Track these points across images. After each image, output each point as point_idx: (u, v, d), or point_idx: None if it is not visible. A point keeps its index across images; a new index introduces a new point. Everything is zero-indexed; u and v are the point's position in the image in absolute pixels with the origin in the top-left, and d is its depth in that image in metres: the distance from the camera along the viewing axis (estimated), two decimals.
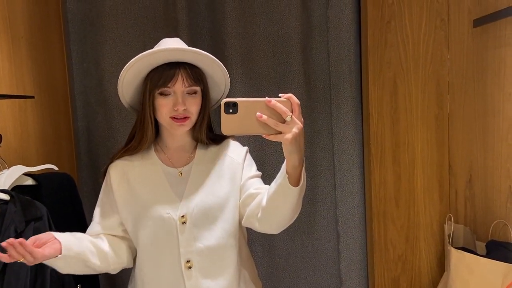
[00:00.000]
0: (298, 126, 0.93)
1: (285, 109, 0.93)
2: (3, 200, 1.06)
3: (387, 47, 1.78)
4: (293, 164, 0.98)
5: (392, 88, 1.80)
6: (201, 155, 1.26)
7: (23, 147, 1.42)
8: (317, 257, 1.97)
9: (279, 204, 1.06)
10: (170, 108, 1.15)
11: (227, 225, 1.20)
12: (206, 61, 1.19)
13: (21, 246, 0.94)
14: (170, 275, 1.18)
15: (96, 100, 1.85)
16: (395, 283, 1.86)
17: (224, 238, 1.19)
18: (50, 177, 1.30)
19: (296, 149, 0.95)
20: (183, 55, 1.16)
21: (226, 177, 1.24)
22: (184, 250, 1.17)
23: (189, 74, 1.16)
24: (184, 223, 1.17)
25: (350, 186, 1.91)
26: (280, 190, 1.03)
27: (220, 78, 1.25)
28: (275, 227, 1.15)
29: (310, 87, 1.90)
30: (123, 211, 1.21)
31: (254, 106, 0.93)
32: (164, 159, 1.25)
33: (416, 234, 1.84)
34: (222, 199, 1.21)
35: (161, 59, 1.15)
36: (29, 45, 1.49)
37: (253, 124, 0.93)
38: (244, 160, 1.27)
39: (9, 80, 1.34)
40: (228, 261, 1.21)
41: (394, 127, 1.81)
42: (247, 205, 1.19)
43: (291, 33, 1.86)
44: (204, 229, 1.18)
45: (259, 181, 1.26)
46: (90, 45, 1.84)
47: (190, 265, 1.17)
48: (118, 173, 1.22)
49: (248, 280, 1.28)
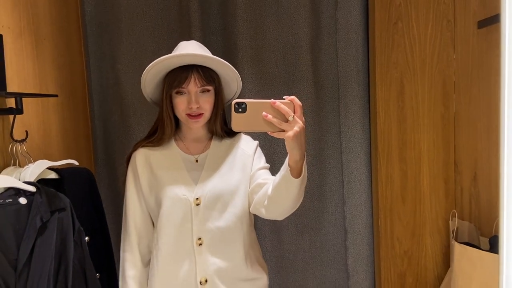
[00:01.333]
0: (299, 125, 1.05)
1: (288, 110, 1.05)
2: (30, 192, 1.13)
3: (394, 47, 1.82)
4: (295, 159, 1.10)
5: (399, 87, 1.84)
6: (216, 146, 1.38)
7: (45, 144, 1.49)
8: (325, 252, 2.03)
9: (283, 194, 1.18)
10: (185, 106, 1.28)
11: (236, 209, 1.32)
12: (216, 63, 1.30)
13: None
14: (183, 249, 1.30)
15: (112, 99, 1.93)
16: (401, 278, 1.90)
17: (233, 221, 1.31)
18: (71, 172, 1.37)
19: (297, 145, 1.07)
20: (194, 59, 1.28)
21: (237, 166, 1.36)
22: (196, 229, 1.30)
23: (201, 75, 1.28)
24: (198, 205, 1.30)
25: (357, 183, 1.96)
26: (283, 181, 1.15)
27: (232, 78, 1.36)
28: (279, 213, 1.27)
29: (319, 86, 1.95)
30: (147, 191, 1.34)
31: (260, 106, 1.05)
32: (182, 147, 1.38)
33: (422, 231, 1.88)
34: (233, 186, 1.33)
35: (176, 62, 1.28)
36: (51, 47, 1.56)
37: (259, 122, 1.05)
38: (255, 152, 1.39)
39: (33, 80, 1.42)
40: (236, 242, 1.33)
41: (400, 126, 1.86)
42: (255, 193, 1.31)
43: (301, 34, 1.91)
44: (216, 211, 1.30)
45: (267, 173, 1.37)
46: (107, 47, 1.91)
47: (200, 242, 1.30)
48: (142, 158, 1.36)
49: (254, 261, 1.39)
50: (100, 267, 1.41)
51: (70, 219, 1.19)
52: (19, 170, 1.22)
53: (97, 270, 1.38)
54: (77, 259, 1.19)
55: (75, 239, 1.19)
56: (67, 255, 1.17)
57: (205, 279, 1.30)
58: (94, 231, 1.41)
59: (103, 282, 1.42)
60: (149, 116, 1.91)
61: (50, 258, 1.12)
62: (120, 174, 1.94)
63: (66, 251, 1.17)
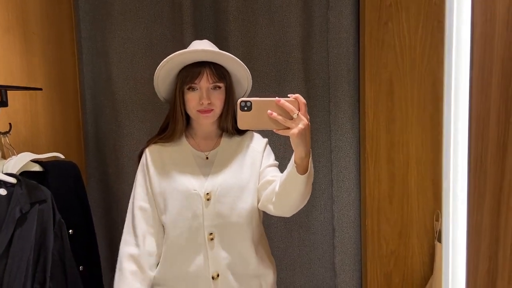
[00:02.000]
0: (303, 122, 1.08)
1: (292, 108, 1.08)
2: (10, 183, 1.15)
3: (384, 48, 1.82)
4: (300, 155, 1.12)
5: (388, 88, 1.84)
6: (226, 143, 1.40)
7: (33, 137, 1.52)
8: (313, 250, 2.04)
9: (290, 190, 1.20)
10: (197, 102, 1.31)
11: (246, 205, 1.34)
12: (227, 60, 1.33)
13: None
14: (194, 244, 1.32)
15: (104, 94, 1.95)
16: (388, 278, 1.91)
17: (243, 216, 1.33)
18: (56, 165, 1.39)
19: (302, 142, 1.09)
20: (207, 55, 1.31)
21: (247, 163, 1.38)
22: (207, 224, 1.31)
23: (213, 72, 1.31)
24: (208, 200, 1.31)
25: (346, 182, 1.96)
26: (289, 178, 1.17)
27: (242, 75, 1.39)
28: (287, 210, 1.28)
29: (310, 85, 1.96)
30: (156, 186, 1.35)
31: (266, 104, 1.08)
32: (193, 144, 1.40)
33: (409, 231, 1.88)
34: (243, 182, 1.35)
35: (189, 58, 1.31)
36: (41, 41, 1.58)
37: (265, 120, 1.08)
38: (264, 150, 1.41)
39: (20, 73, 1.44)
40: (246, 237, 1.35)
41: (389, 126, 1.86)
42: (264, 190, 1.33)
43: (292, 33, 1.92)
44: (226, 206, 1.32)
45: (276, 170, 1.39)
46: (100, 42, 1.93)
47: (212, 237, 1.31)
48: (154, 154, 1.38)
49: (264, 256, 1.41)
50: (83, 260, 1.43)
51: (50, 211, 1.21)
52: (2, 162, 1.24)
53: (80, 263, 1.40)
54: (56, 250, 1.21)
55: (55, 231, 1.21)
56: (46, 246, 1.19)
57: (217, 273, 1.32)
58: (78, 224, 1.43)
59: (86, 275, 1.44)
60: (140, 112, 1.93)
61: (29, 249, 1.14)
62: (111, 169, 1.97)
63: (46, 242, 1.19)
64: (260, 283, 1.39)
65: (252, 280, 1.37)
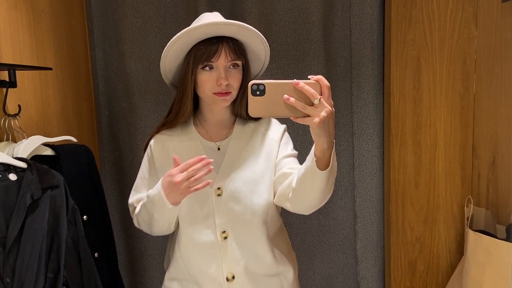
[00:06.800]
0: (327, 109, 0.91)
1: (314, 92, 0.90)
2: (20, 168, 1.09)
3: (411, 23, 1.72)
4: (322, 147, 0.96)
5: (415, 66, 1.74)
6: (239, 131, 1.27)
7: (44, 120, 1.46)
8: (333, 237, 1.97)
9: (308, 187, 1.05)
10: (213, 84, 1.16)
11: (261, 199, 1.21)
12: (247, 34, 1.19)
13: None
14: (207, 244, 1.21)
15: (116, 75, 1.87)
16: (412, 265, 1.84)
17: (258, 213, 1.20)
18: (68, 148, 1.33)
19: (324, 133, 0.93)
20: (226, 29, 1.15)
21: (262, 153, 1.24)
22: (219, 222, 1.20)
23: (232, 48, 1.16)
24: (219, 195, 1.20)
25: (369, 166, 1.88)
26: (308, 173, 1.02)
27: (261, 50, 1.25)
28: (305, 208, 1.14)
29: (331, 64, 1.86)
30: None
31: (281, 88, 0.91)
32: (203, 133, 1.27)
33: (435, 217, 1.80)
34: (257, 175, 1.22)
35: (204, 33, 1.15)
36: (51, 19, 1.51)
37: (280, 107, 0.91)
38: (281, 138, 1.27)
39: (29, 52, 1.37)
40: (261, 235, 1.22)
41: (416, 107, 1.76)
42: (280, 184, 1.20)
43: (312, 8, 1.82)
44: (239, 202, 1.20)
45: (294, 161, 1.25)
46: (111, 21, 1.85)
47: (225, 236, 1.20)
48: (159, 145, 1.26)
49: (283, 251, 1.30)
50: (98, 247, 1.37)
51: (63, 197, 1.15)
52: (12, 146, 1.18)
53: (95, 249, 1.35)
54: (70, 238, 1.15)
55: (69, 218, 1.15)
56: (60, 233, 1.13)
57: (232, 275, 1.21)
58: (92, 210, 1.37)
59: (102, 261, 1.39)
60: (154, 93, 1.86)
61: (41, 237, 1.09)
62: (125, 153, 1.91)
63: (59, 229, 1.13)
64: (281, 282, 1.28)
65: (271, 280, 1.26)
